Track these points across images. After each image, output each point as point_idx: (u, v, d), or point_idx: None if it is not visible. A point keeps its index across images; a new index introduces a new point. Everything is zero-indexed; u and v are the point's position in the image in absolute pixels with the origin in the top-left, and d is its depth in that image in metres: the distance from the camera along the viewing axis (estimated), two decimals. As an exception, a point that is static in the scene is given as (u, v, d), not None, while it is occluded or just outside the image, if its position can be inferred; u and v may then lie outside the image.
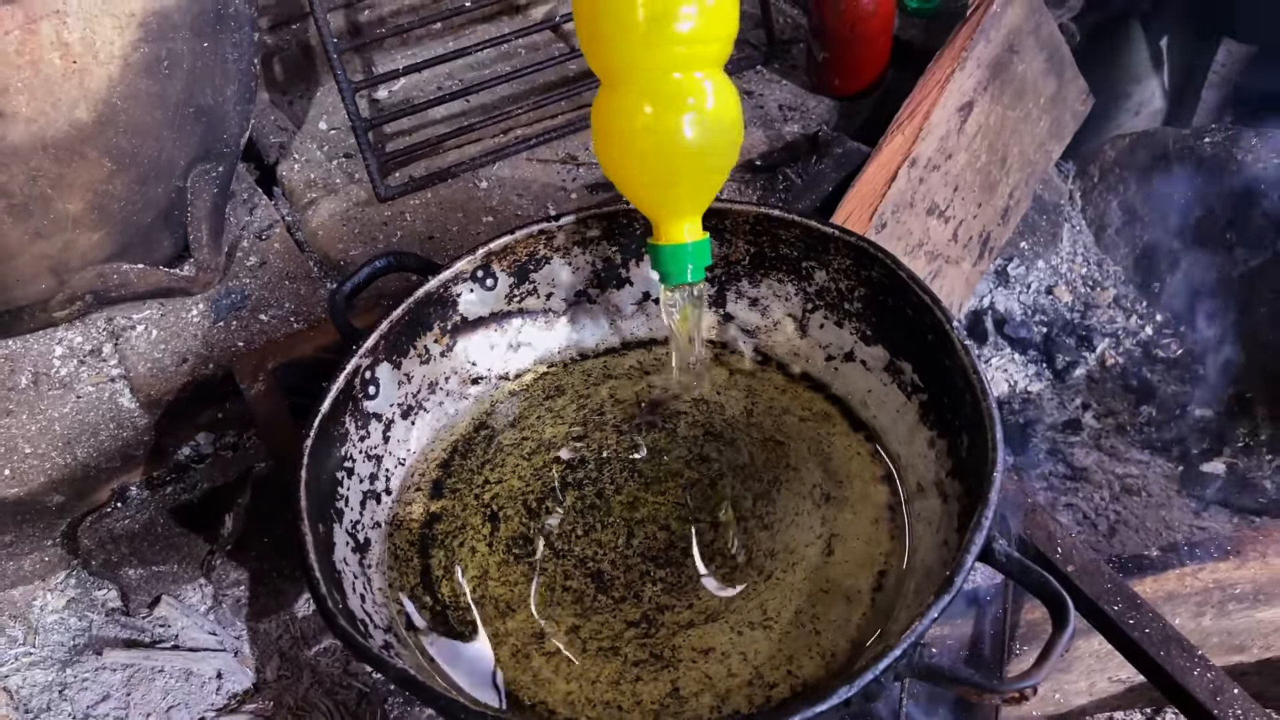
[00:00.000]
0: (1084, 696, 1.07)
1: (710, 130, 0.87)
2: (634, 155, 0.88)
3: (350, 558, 0.93)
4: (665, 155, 0.87)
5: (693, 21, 0.82)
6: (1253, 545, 0.99)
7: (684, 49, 0.84)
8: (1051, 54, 1.50)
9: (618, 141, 0.89)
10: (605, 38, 0.85)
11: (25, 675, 1.13)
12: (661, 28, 0.82)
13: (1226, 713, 0.82)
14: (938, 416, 0.96)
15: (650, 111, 0.86)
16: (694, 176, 0.90)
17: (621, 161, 0.90)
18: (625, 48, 0.85)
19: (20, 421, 1.17)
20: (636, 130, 0.87)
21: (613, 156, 0.90)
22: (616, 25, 0.83)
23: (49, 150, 1.14)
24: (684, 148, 0.87)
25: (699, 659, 0.87)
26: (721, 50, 0.87)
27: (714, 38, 0.85)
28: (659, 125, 0.86)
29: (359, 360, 0.98)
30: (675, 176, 0.89)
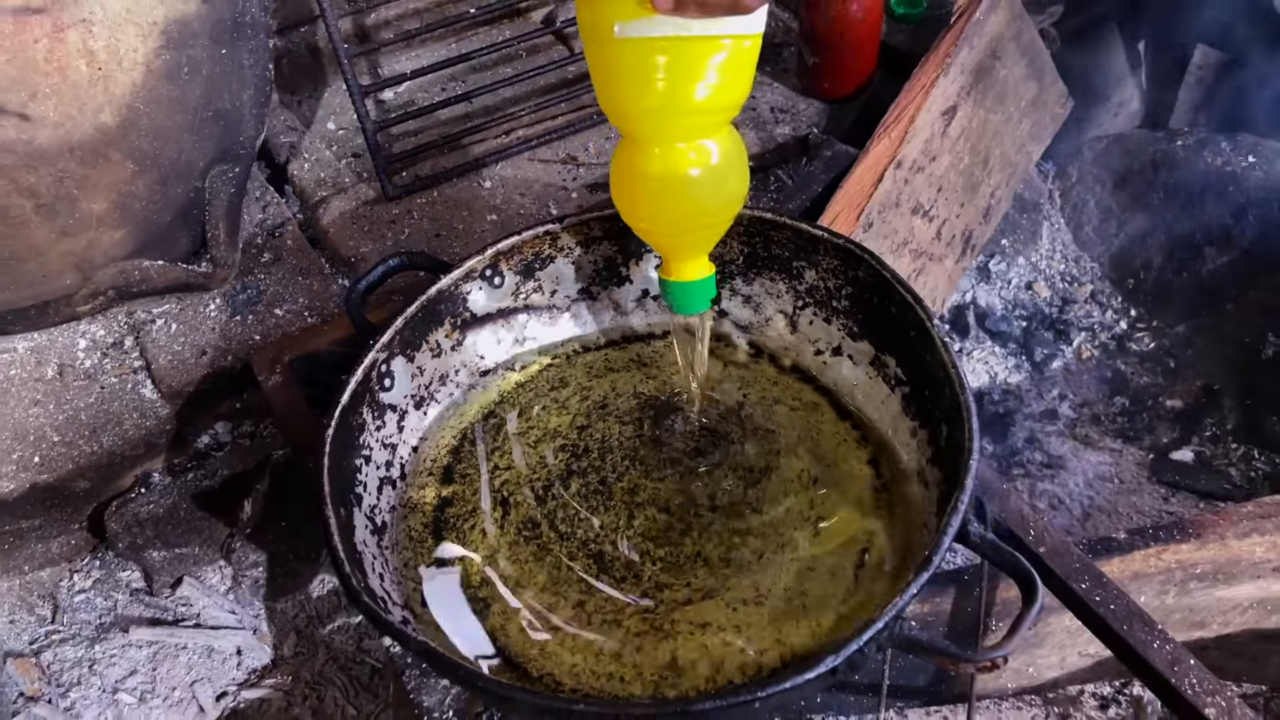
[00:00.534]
0: (1055, 670, 1.14)
1: (719, 187, 0.91)
2: (648, 207, 0.92)
3: (369, 540, 0.99)
4: (677, 210, 0.91)
5: (705, 98, 0.83)
6: (1213, 528, 1.06)
7: (697, 120, 0.86)
8: (1032, 59, 1.56)
9: (634, 194, 0.92)
10: (621, 110, 0.88)
11: (56, 651, 1.19)
12: (674, 107, 0.84)
13: (1183, 681, 0.89)
14: (919, 408, 1.03)
15: (664, 172, 0.88)
16: (703, 226, 0.95)
17: (637, 212, 0.94)
18: (639, 121, 0.87)
19: (48, 411, 1.23)
20: (651, 187, 0.90)
21: (629, 206, 0.94)
22: (632, 102, 0.86)
23: (75, 153, 1.19)
24: (694, 204, 0.91)
25: (696, 632, 0.93)
26: (732, 114, 0.89)
27: (725, 108, 0.86)
28: (672, 185, 0.89)
29: (375, 354, 1.04)
30: (685, 226, 0.94)
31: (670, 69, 0.82)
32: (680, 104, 0.84)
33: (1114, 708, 1.21)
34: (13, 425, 1.22)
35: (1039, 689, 1.17)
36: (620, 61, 0.83)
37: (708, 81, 0.83)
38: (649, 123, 0.87)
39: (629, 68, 0.83)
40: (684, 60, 0.81)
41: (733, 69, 0.83)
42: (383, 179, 1.43)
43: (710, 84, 0.83)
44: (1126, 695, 1.21)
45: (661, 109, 0.85)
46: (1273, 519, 1.06)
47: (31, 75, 1.15)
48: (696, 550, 0.99)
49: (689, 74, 0.82)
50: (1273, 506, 1.07)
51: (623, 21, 0.79)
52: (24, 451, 1.19)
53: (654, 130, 0.87)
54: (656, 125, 0.87)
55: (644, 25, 0.79)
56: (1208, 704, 0.88)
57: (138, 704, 1.15)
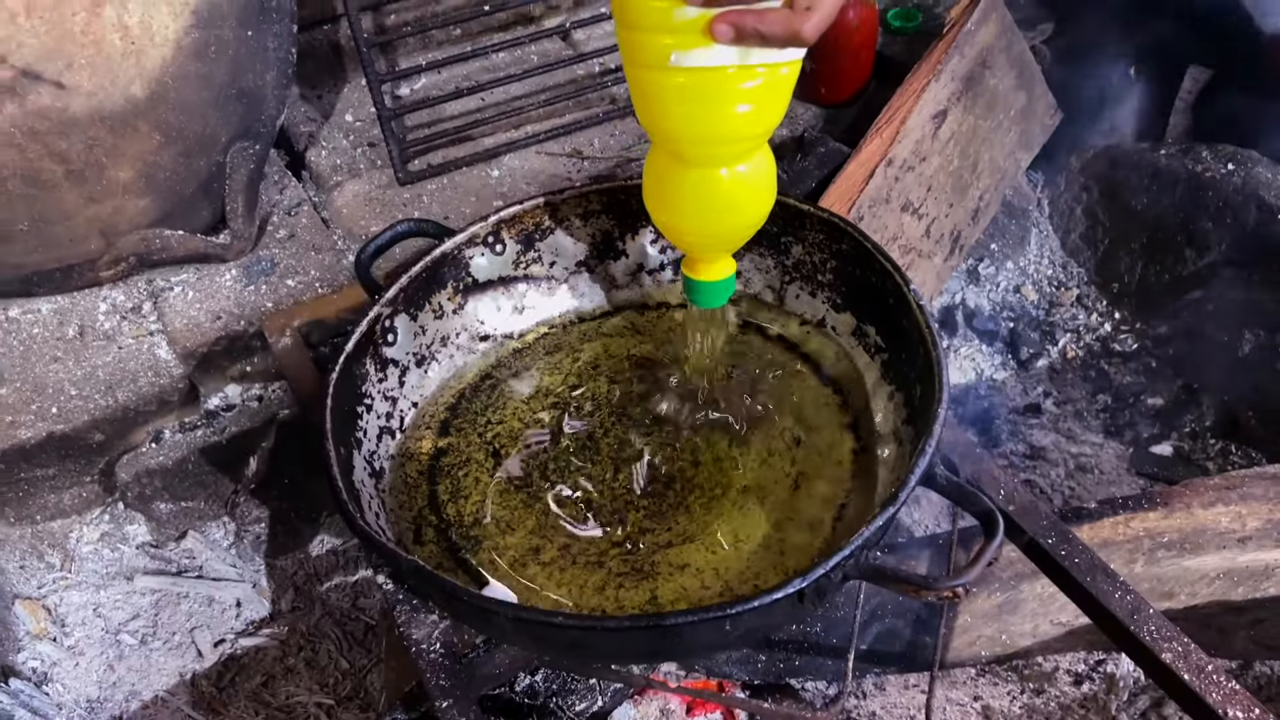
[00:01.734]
0: (1029, 638, 1.17)
1: (752, 203, 0.93)
2: (682, 218, 0.95)
3: (367, 481, 1.03)
4: (711, 223, 0.94)
5: (751, 123, 0.85)
6: (1180, 498, 1.09)
7: (741, 145, 0.88)
8: (1022, 71, 1.63)
9: (669, 205, 0.95)
10: (669, 133, 0.89)
11: (62, 596, 1.24)
12: (722, 133, 0.86)
13: (1142, 629, 0.93)
14: (896, 373, 1.07)
15: (702, 191, 0.90)
16: (730, 235, 0.97)
17: (670, 220, 0.96)
18: (687, 144, 0.89)
19: (67, 367, 1.29)
20: (687, 203, 0.92)
21: (663, 213, 0.96)
22: (682, 127, 0.87)
23: (105, 122, 1.26)
24: (728, 219, 0.94)
25: (675, 573, 0.97)
26: (771, 134, 0.91)
27: (767, 131, 0.89)
28: (709, 202, 0.92)
29: (380, 309, 1.09)
30: (717, 237, 0.97)
31: (723, 97, 0.83)
32: (729, 130, 0.86)
33: (1088, 684, 1.24)
34: (33, 379, 1.27)
35: (1013, 658, 1.20)
36: (673, 88, 0.84)
37: (755, 108, 0.84)
38: (697, 147, 0.89)
39: (682, 95, 0.84)
40: (735, 88, 0.83)
41: (777, 94, 0.86)
42: (396, 164, 1.50)
43: (757, 111, 0.85)
44: (1100, 673, 1.24)
45: (711, 135, 0.87)
46: (1237, 489, 1.09)
47: (68, 46, 1.22)
48: (679, 500, 1.04)
49: (739, 101, 0.84)
50: (1238, 479, 1.11)
51: (680, 51, 0.80)
52: (42, 403, 1.25)
53: (701, 153, 0.89)
54: (704, 149, 0.89)
55: (702, 55, 0.80)
56: (1164, 649, 0.91)
57: (138, 645, 1.19)
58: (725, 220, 0.94)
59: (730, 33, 0.76)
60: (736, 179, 0.90)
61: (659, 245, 1.23)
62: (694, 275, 0.99)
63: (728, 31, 0.76)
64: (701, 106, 0.83)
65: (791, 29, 0.75)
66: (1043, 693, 1.23)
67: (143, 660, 1.19)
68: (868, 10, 1.55)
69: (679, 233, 0.97)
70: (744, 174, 0.90)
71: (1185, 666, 0.90)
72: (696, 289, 1.00)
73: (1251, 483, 1.10)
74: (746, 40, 0.77)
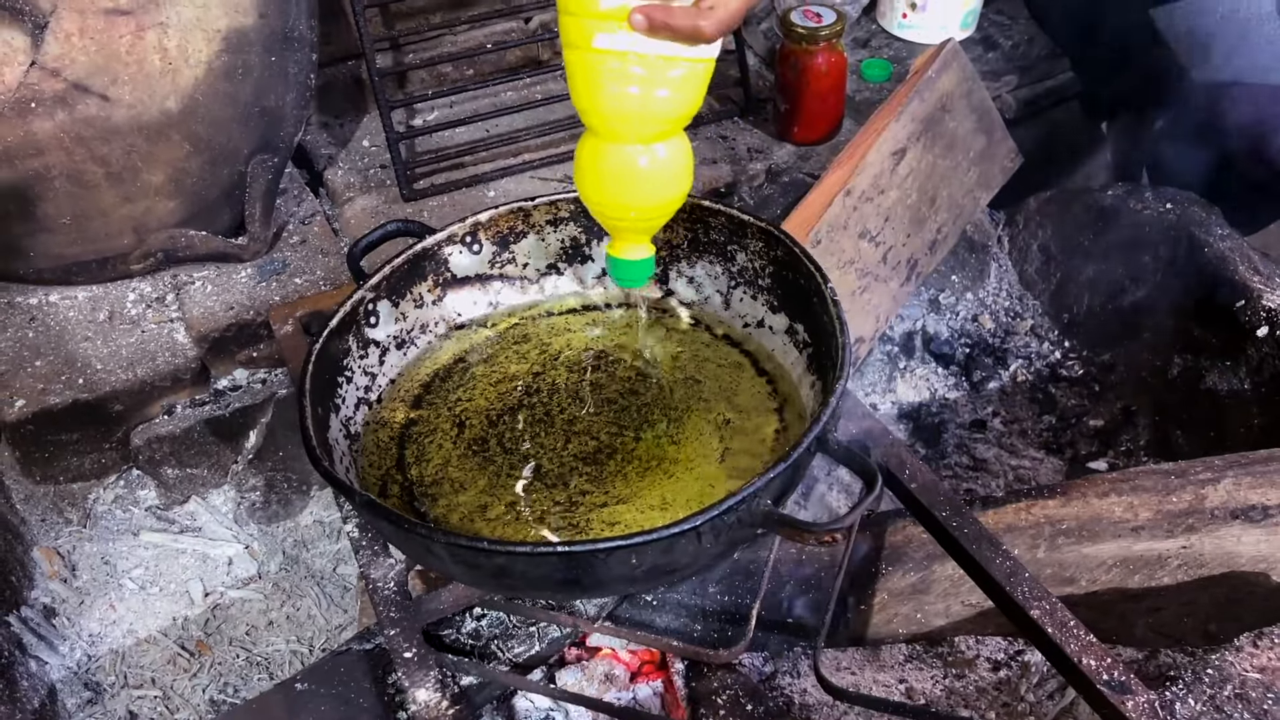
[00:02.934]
0: (942, 618, 1.27)
1: (665, 182, 1.06)
2: (602, 193, 1.07)
3: (341, 440, 1.17)
4: (626, 198, 1.07)
5: (663, 107, 0.99)
6: (1077, 489, 1.19)
7: (654, 125, 1.01)
8: (981, 116, 1.76)
9: (592, 180, 1.08)
10: (590, 109, 1.02)
11: (75, 546, 1.38)
12: (636, 111, 0.99)
13: (1016, 590, 1.03)
14: (818, 364, 1.19)
15: (619, 165, 1.04)
16: (648, 213, 1.10)
17: (593, 196, 1.09)
18: (605, 119, 1.02)
19: (95, 345, 1.45)
20: (606, 177, 1.05)
21: (587, 189, 1.09)
22: (601, 103, 1.00)
23: (142, 131, 1.44)
24: (642, 195, 1.07)
25: (606, 529, 1.09)
26: (684, 123, 1.04)
27: (679, 117, 1.02)
28: (624, 177, 1.04)
29: (364, 293, 1.23)
30: (632, 212, 1.09)
31: (636, 79, 0.98)
32: (641, 109, 1.00)
33: (1005, 670, 1.32)
34: (65, 354, 1.43)
35: (928, 636, 1.29)
36: (596, 67, 0.98)
37: (666, 93, 0.99)
38: (613, 122, 1.02)
39: (603, 73, 0.98)
40: (649, 73, 0.97)
41: (688, 85, 1.00)
42: (402, 183, 1.66)
43: (668, 95, 0.99)
44: (1018, 661, 1.33)
45: (625, 112, 1.01)
46: (1130, 482, 1.19)
47: (114, 64, 1.40)
48: (618, 469, 1.16)
49: (651, 84, 0.98)
50: (1132, 474, 1.20)
51: (603, 33, 0.95)
52: (71, 374, 1.41)
53: (616, 129, 1.02)
54: (619, 125, 1.02)
55: (621, 39, 0.95)
56: (1034, 607, 1.01)
57: (138, 590, 1.33)
58: (641, 196, 1.06)
59: (644, 22, 0.91)
60: (652, 158, 1.03)
61: (622, 252, 1.37)
62: (615, 253, 1.12)
63: (642, 21, 0.91)
64: (617, 84, 0.97)
65: (694, 24, 0.90)
66: (963, 677, 1.32)
67: (141, 603, 1.32)
68: (836, 56, 1.70)
69: (601, 208, 1.10)
70: (659, 154, 1.03)
71: (1050, 622, 1.00)
72: (617, 266, 1.13)
73: (1143, 477, 1.19)
74: (658, 31, 0.91)
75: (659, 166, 1.05)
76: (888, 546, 1.22)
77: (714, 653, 1.06)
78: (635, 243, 1.13)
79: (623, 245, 1.14)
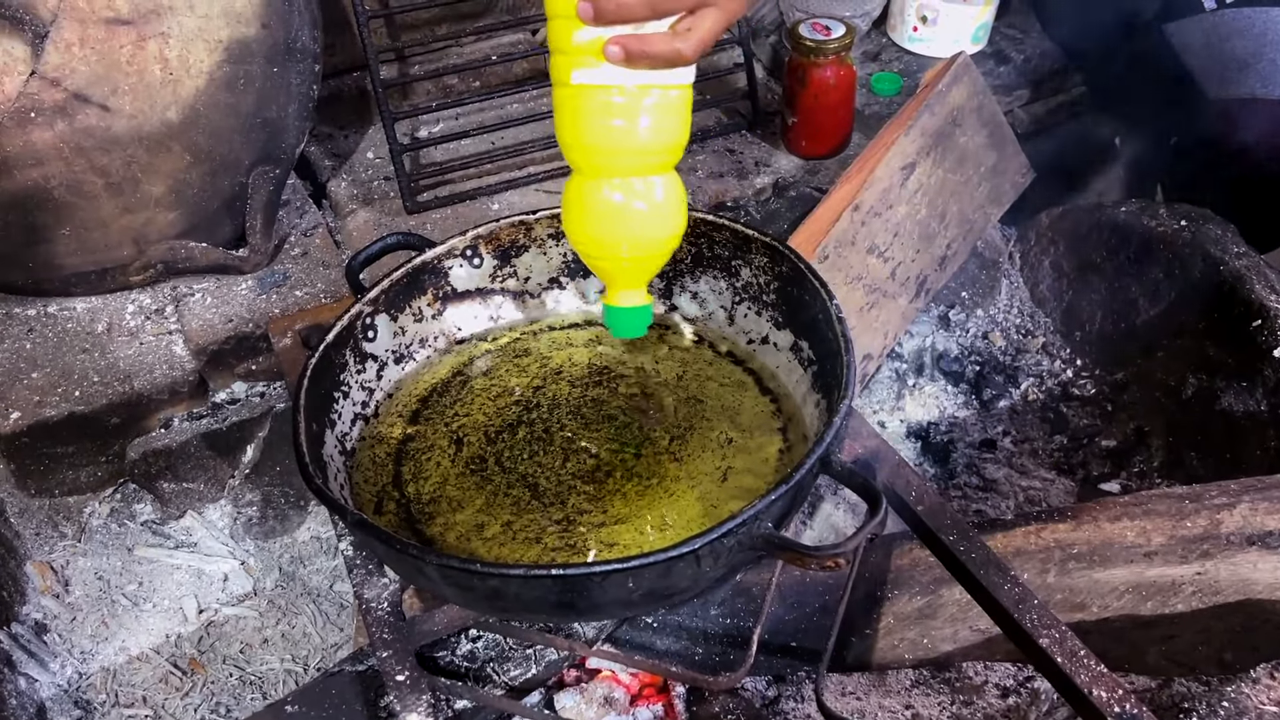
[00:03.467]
0: (949, 643, 1.24)
1: (654, 222, 1.04)
2: (589, 234, 1.05)
3: (336, 457, 1.15)
4: (614, 239, 1.05)
5: (645, 139, 0.97)
6: (1088, 513, 1.16)
7: (638, 160, 0.99)
8: (993, 131, 1.73)
9: (578, 221, 1.06)
10: (573, 145, 1.00)
11: (69, 560, 1.36)
12: (618, 146, 0.97)
13: (1024, 618, 1.00)
14: (823, 383, 1.17)
15: (603, 205, 1.02)
16: (637, 257, 1.07)
17: (580, 238, 1.07)
18: (588, 156, 1.00)
19: (93, 357, 1.43)
20: (594, 215, 1.03)
21: (574, 231, 1.08)
22: (582, 138, 0.99)
23: (143, 141, 1.42)
24: (630, 235, 1.04)
25: (604, 550, 1.07)
26: (672, 159, 1.02)
27: (662, 149, 1.00)
28: (611, 216, 1.02)
29: (362, 306, 1.22)
30: (622, 254, 1.07)
31: (617, 110, 0.95)
32: (625, 142, 0.97)
33: (1013, 697, 1.29)
34: (62, 366, 1.42)
35: (935, 662, 1.26)
36: (575, 103, 0.97)
37: (647, 124, 0.96)
38: (598, 157, 1.00)
39: (582, 109, 0.96)
40: (629, 103, 0.95)
41: (669, 114, 0.98)
42: (405, 194, 1.65)
43: (649, 127, 0.97)
44: (1027, 688, 1.30)
45: (608, 146, 0.98)
46: (1143, 506, 1.16)
47: (115, 74, 1.39)
48: (617, 487, 1.13)
49: (633, 115, 0.96)
50: (1145, 498, 1.17)
51: (579, 69, 0.94)
52: (67, 386, 1.39)
53: (602, 164, 1.00)
54: (604, 160, 1.00)
55: (597, 73, 0.93)
56: (1043, 635, 0.98)
57: (131, 606, 1.31)
58: (631, 235, 1.03)
59: (619, 53, 0.88)
60: (641, 194, 1.00)
61: (625, 266, 1.34)
62: (610, 302, 1.10)
63: (617, 53, 0.88)
64: (597, 119, 0.95)
65: (673, 48, 0.87)
66: (971, 704, 1.29)
67: (134, 620, 1.30)
68: (845, 69, 1.68)
69: (591, 249, 1.07)
70: (648, 190, 1.01)
71: (1060, 651, 0.97)
72: (613, 315, 1.10)
73: (1156, 500, 1.16)
74: (635, 61, 0.89)
75: (649, 203, 1.02)
76: (893, 570, 1.19)
77: (714, 679, 1.03)
78: (630, 289, 1.11)
79: (617, 292, 1.11)
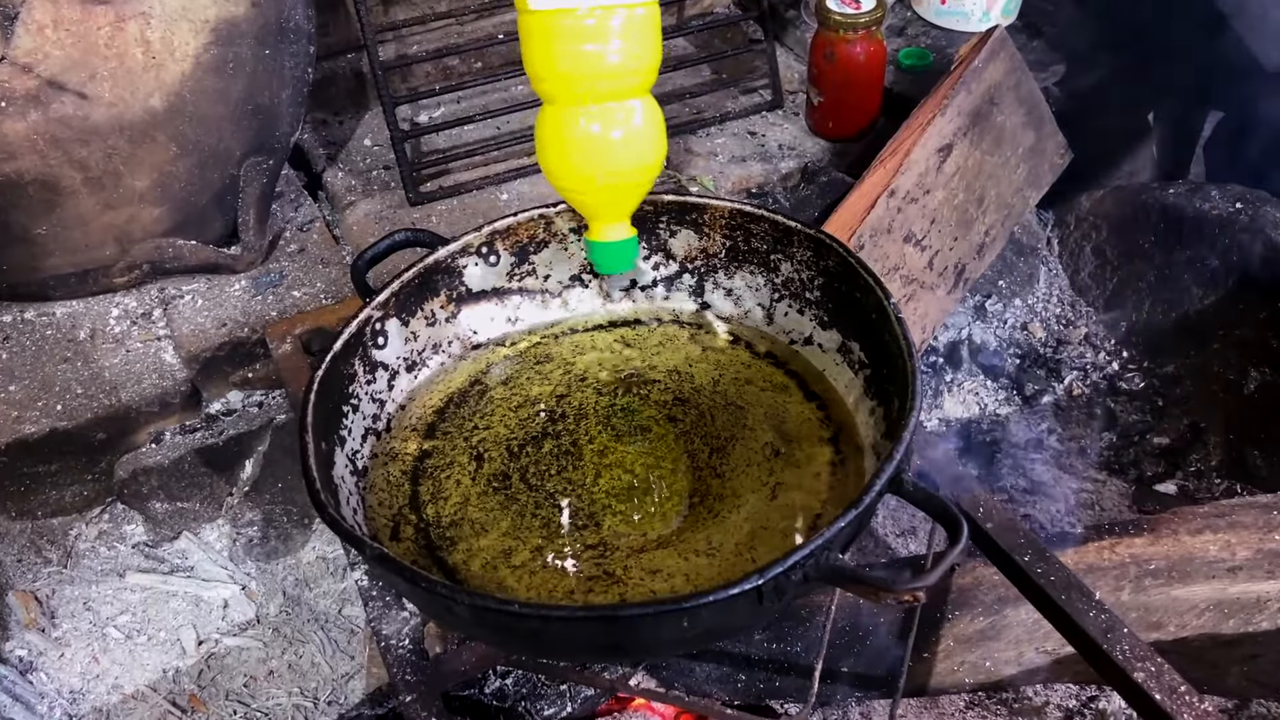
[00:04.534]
0: (1013, 666, 1.15)
1: (628, 147, 1.01)
2: (563, 165, 1.03)
3: (348, 478, 1.05)
4: (588, 167, 1.02)
5: (608, 61, 0.96)
6: (1167, 525, 1.07)
7: (603, 84, 0.98)
8: (1031, 109, 1.63)
9: (551, 153, 1.04)
10: (537, 73, 1.00)
11: (55, 589, 1.26)
12: (580, 69, 0.96)
13: (1115, 649, 0.91)
14: (878, 388, 1.07)
15: (580, 134, 1.00)
16: (616, 185, 1.04)
17: (555, 170, 1.04)
18: (552, 83, 0.99)
19: (75, 367, 1.32)
20: (564, 144, 1.01)
21: (549, 165, 1.05)
22: (545, 65, 0.98)
23: (124, 131, 1.31)
24: (604, 162, 1.02)
25: (646, 578, 0.97)
26: (643, 82, 1.00)
27: (629, 72, 0.98)
28: (582, 143, 1.01)
29: (371, 311, 1.11)
30: (598, 179, 1.03)
31: (582, 35, 0.94)
32: (593, 68, 0.96)
33: (1078, 719, 1.20)
34: (41, 377, 1.31)
35: (997, 686, 1.17)
36: (534, 30, 0.96)
37: (609, 46, 0.95)
38: (560, 85, 0.99)
39: (542, 35, 0.96)
40: (595, 28, 0.94)
41: (636, 33, 0.96)
42: (408, 185, 1.54)
43: (611, 48, 0.95)
44: (1092, 709, 1.21)
45: (576, 73, 0.97)
46: (1226, 518, 1.07)
47: (92, 58, 1.28)
48: (656, 508, 1.04)
49: (598, 39, 0.95)
50: (1227, 507, 1.09)
51: None
52: (48, 400, 1.28)
53: (572, 93, 0.99)
54: (573, 88, 0.98)
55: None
56: (1137, 668, 0.89)
57: (124, 640, 1.21)
58: (601, 163, 1.01)
59: None
60: (607, 120, 0.99)
61: (652, 262, 1.24)
62: (593, 237, 1.07)
63: None
64: (564, 45, 0.95)
65: None
66: (1032, 727, 1.20)
67: (127, 655, 1.20)
68: (875, 45, 1.58)
69: (568, 182, 1.04)
70: (614, 116, 0.99)
71: (1158, 686, 0.88)
72: (596, 250, 1.07)
73: (1241, 511, 1.08)
74: None
75: (626, 129, 1.00)
76: (954, 589, 1.10)
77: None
78: (612, 222, 1.08)
79: (600, 226, 1.09)
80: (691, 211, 1.19)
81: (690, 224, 1.20)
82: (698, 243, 1.21)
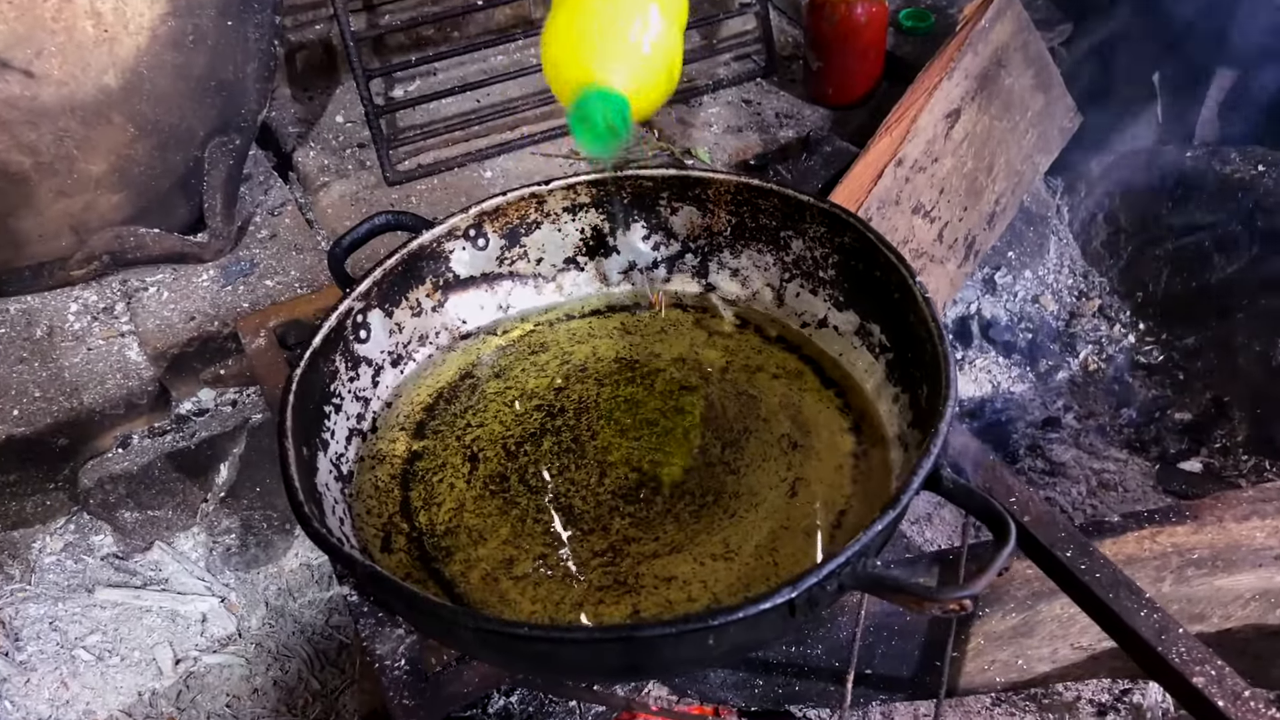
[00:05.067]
0: (1046, 663, 1.09)
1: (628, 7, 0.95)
2: (569, 40, 0.97)
3: (332, 485, 0.96)
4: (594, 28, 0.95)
5: None
6: (1210, 510, 1.01)
7: None
8: (1039, 71, 1.56)
9: (560, 36, 0.97)
10: None
11: (18, 608, 1.17)
12: None
13: (1170, 650, 0.85)
14: (902, 373, 1.00)
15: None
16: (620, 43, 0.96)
17: (555, 47, 0.98)
18: None
19: (32, 368, 1.23)
20: (574, 20, 0.96)
21: (551, 53, 0.98)
22: None
23: (76, 112, 1.22)
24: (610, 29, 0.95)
25: (660, 586, 0.90)
26: None
27: None
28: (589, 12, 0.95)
29: (352, 303, 1.03)
30: (598, 40, 0.96)
31: None
32: None
33: (1112, 715, 1.14)
34: (-4, 380, 1.22)
35: (1030, 684, 1.11)
36: None
37: None
38: None
39: None
40: None
41: None
42: (385, 164, 1.45)
43: None
44: (1126, 703, 1.15)
45: None
46: (1274, 502, 1.01)
47: (38, 33, 1.18)
48: (667, 508, 0.96)
49: None
50: (1274, 491, 1.02)
51: None
52: (4, 404, 1.20)
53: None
54: None
55: None
56: (1196, 672, 0.83)
57: (95, 662, 1.13)
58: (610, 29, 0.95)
59: None
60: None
61: (652, 242, 1.16)
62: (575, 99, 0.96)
63: None
64: None
65: None
66: (1064, 724, 1.14)
67: (99, 678, 1.12)
68: (877, 6, 1.49)
69: (564, 56, 0.97)
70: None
71: (1219, 692, 0.82)
72: (582, 107, 0.95)
73: (1290, 495, 1.01)
74: None
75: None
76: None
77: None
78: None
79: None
80: (694, 186, 1.11)
81: (693, 200, 1.12)
82: (701, 220, 1.13)
